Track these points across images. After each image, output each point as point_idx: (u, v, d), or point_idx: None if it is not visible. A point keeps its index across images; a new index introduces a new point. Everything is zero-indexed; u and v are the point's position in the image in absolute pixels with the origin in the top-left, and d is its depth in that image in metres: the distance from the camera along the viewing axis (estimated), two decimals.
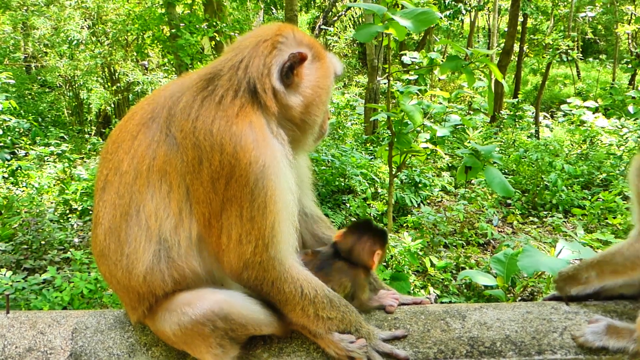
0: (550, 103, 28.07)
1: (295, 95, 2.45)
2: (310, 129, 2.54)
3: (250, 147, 2.24)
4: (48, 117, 20.06)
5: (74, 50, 19.02)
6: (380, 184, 12.15)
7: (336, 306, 2.49)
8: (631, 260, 2.70)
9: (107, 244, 2.44)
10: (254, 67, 2.39)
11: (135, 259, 2.39)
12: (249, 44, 2.47)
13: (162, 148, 2.38)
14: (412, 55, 15.21)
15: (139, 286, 2.42)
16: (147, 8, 16.56)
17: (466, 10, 23.86)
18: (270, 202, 2.27)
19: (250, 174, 2.23)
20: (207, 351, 2.38)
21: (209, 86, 2.40)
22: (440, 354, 2.57)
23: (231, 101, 2.33)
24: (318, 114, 2.52)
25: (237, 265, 2.34)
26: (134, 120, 2.52)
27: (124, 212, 2.40)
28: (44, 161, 13.22)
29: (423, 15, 5.72)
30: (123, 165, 2.44)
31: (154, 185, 2.37)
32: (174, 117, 2.39)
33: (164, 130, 2.40)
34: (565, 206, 12.05)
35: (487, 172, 6.91)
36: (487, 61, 6.27)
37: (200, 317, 2.32)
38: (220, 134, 2.25)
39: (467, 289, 8.10)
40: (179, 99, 2.43)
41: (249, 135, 2.25)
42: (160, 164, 2.36)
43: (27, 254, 8.42)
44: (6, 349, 2.54)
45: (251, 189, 2.24)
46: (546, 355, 2.58)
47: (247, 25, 17.91)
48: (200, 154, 2.28)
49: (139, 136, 2.45)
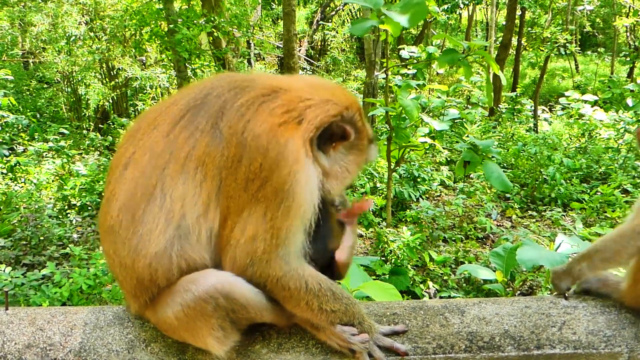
0: (548, 96, 28.06)
1: (325, 160, 2.57)
2: (334, 191, 2.64)
3: (291, 160, 2.34)
4: (46, 113, 20.00)
5: (72, 46, 18.95)
6: (379, 178, 12.16)
7: (339, 298, 2.52)
8: (617, 242, 2.72)
9: (120, 220, 2.43)
10: (312, 112, 2.48)
11: (148, 240, 2.38)
12: (323, 94, 2.58)
13: (205, 139, 2.41)
14: (410, 50, 15.21)
15: (142, 270, 2.41)
16: (145, 3, 16.50)
17: (464, 3, 23.81)
18: (293, 208, 2.36)
19: (286, 183, 2.33)
20: (209, 334, 2.39)
21: (270, 94, 2.49)
22: (439, 349, 2.57)
23: (281, 114, 2.42)
24: (335, 187, 2.62)
25: (243, 261, 2.39)
26: (178, 105, 2.54)
27: (147, 192, 2.41)
28: (42, 157, 13.20)
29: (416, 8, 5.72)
30: (158, 147, 2.45)
31: (188, 172, 2.40)
32: (227, 111, 2.44)
33: (212, 121, 2.44)
34: (564, 200, 12.05)
35: (485, 167, 6.93)
36: (484, 53, 6.28)
37: (203, 294, 2.34)
38: (266, 139, 2.35)
39: (466, 284, 8.11)
40: (238, 95, 2.48)
41: (291, 149, 2.36)
42: (200, 154, 2.40)
43: (26, 250, 8.42)
44: (5, 345, 2.54)
45: (283, 196, 2.33)
46: (545, 350, 2.58)
47: (245, 21, 17.88)
48: (243, 152, 2.35)
49: (182, 122, 2.48)
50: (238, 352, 2.54)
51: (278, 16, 28.80)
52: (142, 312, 2.60)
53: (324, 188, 2.58)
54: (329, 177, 2.59)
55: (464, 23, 37.30)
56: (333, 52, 29.76)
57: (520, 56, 25.72)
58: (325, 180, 2.58)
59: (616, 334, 2.66)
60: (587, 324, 2.69)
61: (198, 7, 15.83)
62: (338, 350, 2.54)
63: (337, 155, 2.61)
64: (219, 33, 14.18)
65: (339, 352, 2.55)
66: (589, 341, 2.63)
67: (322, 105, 2.52)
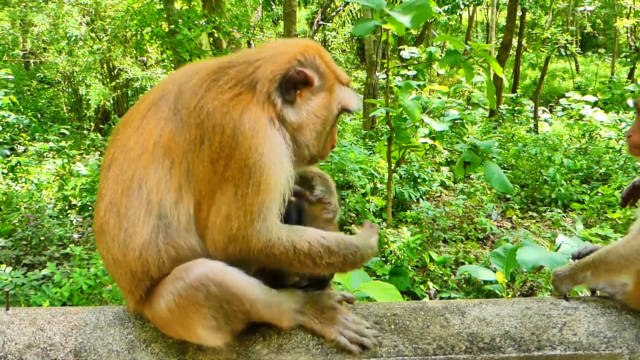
0: (549, 97, 28.06)
1: (292, 112, 2.51)
2: (300, 147, 2.58)
3: (249, 134, 2.33)
4: (47, 113, 20.03)
5: (73, 46, 18.98)
6: (379, 179, 12.15)
7: (335, 252, 2.51)
8: (625, 258, 2.70)
9: (107, 219, 2.48)
10: (262, 70, 2.48)
11: (134, 233, 2.42)
12: (272, 50, 2.57)
13: (169, 125, 2.45)
14: (411, 50, 15.19)
15: (133, 263, 2.44)
16: (146, 4, 16.52)
17: (464, 4, 23.80)
18: (264, 182, 2.35)
19: (249, 158, 2.32)
20: (201, 324, 2.38)
21: (220, 72, 2.49)
22: (439, 350, 2.57)
23: (230, 88, 2.43)
24: (309, 138, 2.57)
25: (222, 241, 2.40)
26: (145, 102, 2.60)
27: (126, 187, 2.45)
28: (43, 157, 13.22)
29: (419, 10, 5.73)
30: (130, 142, 2.50)
31: (158, 161, 2.43)
32: (183, 94, 2.48)
33: (172, 107, 2.48)
34: (565, 201, 12.05)
35: (486, 168, 6.92)
36: (486, 55, 6.28)
37: (194, 281, 2.34)
38: (220, 116, 2.36)
39: (466, 284, 8.11)
40: (191, 77, 2.52)
41: (247, 122, 2.35)
42: (165, 141, 2.43)
43: (27, 250, 8.43)
44: (6, 345, 2.54)
45: (249, 172, 2.33)
46: (545, 351, 2.58)
47: (245, 21, 17.88)
48: (202, 133, 2.37)
49: (148, 114, 2.53)
50: (238, 353, 2.54)
51: (279, 17, 28.81)
52: (140, 310, 2.61)
53: (298, 144, 2.55)
54: (301, 129, 2.55)
55: (465, 24, 37.29)
56: (334, 53, 29.76)
57: (520, 57, 25.72)
58: (298, 136, 2.54)
59: (617, 336, 2.66)
60: (588, 325, 2.69)
61: (199, 7, 15.83)
62: (346, 349, 2.53)
63: (304, 103, 2.55)
64: (220, 34, 14.17)
65: (343, 352, 2.54)
66: (590, 342, 2.63)
67: (273, 59, 2.51)
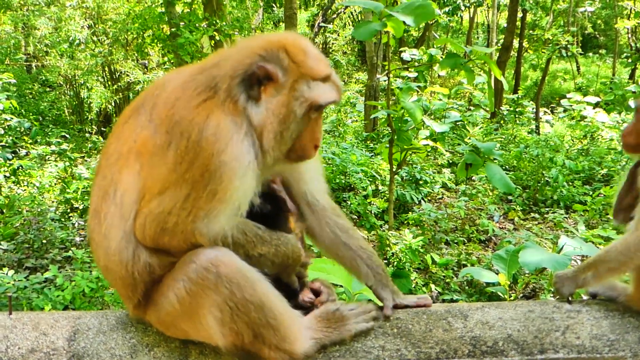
0: (550, 98, 28.04)
1: (257, 109, 2.44)
2: (268, 145, 2.47)
3: (212, 140, 2.32)
4: (49, 117, 20.05)
5: (75, 49, 19.01)
6: (380, 181, 12.15)
7: (267, 241, 2.52)
8: (624, 254, 2.71)
9: (92, 226, 2.53)
10: (224, 68, 2.45)
11: (110, 238, 2.45)
12: (236, 48, 2.58)
13: (144, 132, 2.48)
14: (412, 52, 15.21)
15: (117, 267, 2.46)
16: (147, 7, 16.55)
17: (465, 6, 23.82)
18: (220, 191, 2.35)
19: (211, 164, 2.31)
20: (209, 312, 2.38)
21: (190, 79, 2.49)
22: (442, 354, 2.57)
23: (197, 94, 2.42)
24: (268, 139, 2.45)
25: (152, 229, 2.40)
26: (128, 110, 2.66)
27: (104, 193, 2.49)
28: (45, 160, 13.24)
29: (421, 9, 5.73)
30: (110, 148, 2.57)
31: (130, 165, 2.46)
32: (157, 105, 2.50)
33: (148, 116, 2.51)
34: (567, 202, 12.04)
35: (488, 168, 6.92)
36: (486, 59, 6.29)
37: (204, 262, 2.36)
38: (186, 123, 2.35)
39: (468, 286, 8.10)
40: (165, 88, 2.54)
41: (212, 127, 2.33)
42: (138, 146, 2.46)
43: (29, 253, 8.43)
44: (9, 350, 2.54)
45: (209, 177, 2.32)
46: (548, 355, 2.58)
47: (246, 24, 17.91)
48: (171, 138, 2.38)
49: (129, 121, 2.57)
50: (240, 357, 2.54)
51: (279, 19, 28.85)
52: (140, 315, 2.61)
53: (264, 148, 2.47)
54: (262, 129, 2.45)
55: (465, 25, 37.28)
56: (335, 55, 29.77)
57: (521, 58, 25.72)
58: (263, 135, 2.45)
59: (620, 339, 2.65)
60: (591, 329, 2.69)
61: (200, 10, 15.85)
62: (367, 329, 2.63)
63: (268, 100, 2.44)
64: (221, 36, 14.19)
65: None
66: (593, 345, 2.62)
67: (234, 56, 2.48)
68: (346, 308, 2.67)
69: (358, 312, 2.67)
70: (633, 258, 2.69)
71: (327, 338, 2.59)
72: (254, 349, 2.48)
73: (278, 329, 2.46)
